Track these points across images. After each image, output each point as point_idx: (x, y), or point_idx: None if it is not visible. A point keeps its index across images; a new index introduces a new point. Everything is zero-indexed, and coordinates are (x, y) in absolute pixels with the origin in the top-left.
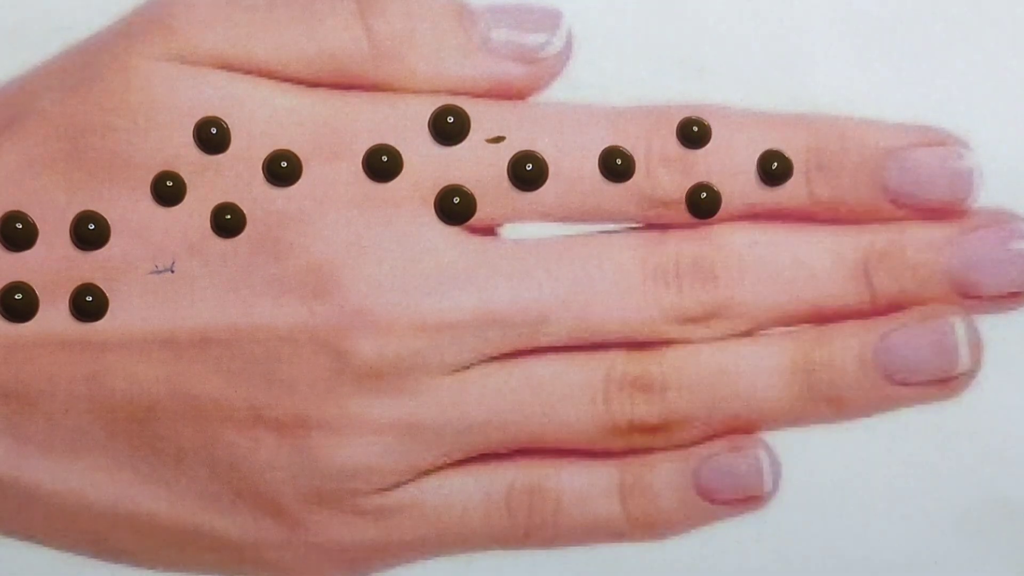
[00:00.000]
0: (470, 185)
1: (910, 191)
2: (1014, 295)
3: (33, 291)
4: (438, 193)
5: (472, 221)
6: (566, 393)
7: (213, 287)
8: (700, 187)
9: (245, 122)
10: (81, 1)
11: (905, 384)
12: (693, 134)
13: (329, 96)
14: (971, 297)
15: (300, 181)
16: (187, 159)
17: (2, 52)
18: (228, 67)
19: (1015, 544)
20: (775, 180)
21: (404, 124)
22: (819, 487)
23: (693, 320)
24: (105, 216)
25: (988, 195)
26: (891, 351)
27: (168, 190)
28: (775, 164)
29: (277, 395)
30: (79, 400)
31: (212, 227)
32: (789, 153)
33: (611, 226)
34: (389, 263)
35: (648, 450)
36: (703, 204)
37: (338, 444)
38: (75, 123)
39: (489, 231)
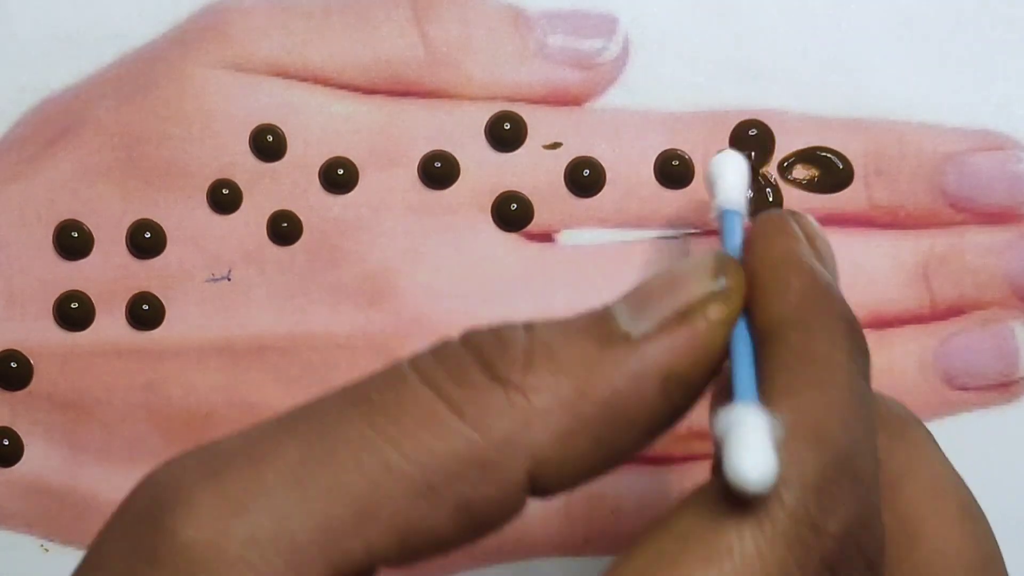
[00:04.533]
0: (527, 191)
1: (969, 195)
2: None
3: (89, 300)
4: (495, 200)
5: (529, 228)
6: None
7: (270, 295)
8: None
9: (301, 129)
10: (136, 9)
11: (965, 389)
12: (750, 139)
13: (385, 103)
14: None
15: (356, 188)
16: (243, 167)
17: (58, 61)
18: (284, 74)
19: None
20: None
21: (460, 131)
22: None
23: None
24: (161, 224)
25: None
26: (951, 356)
27: (224, 198)
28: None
29: None
30: (136, 408)
31: (268, 235)
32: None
33: (669, 232)
34: (446, 270)
35: None
36: (762, 210)
37: None
38: (131, 132)
39: (546, 238)
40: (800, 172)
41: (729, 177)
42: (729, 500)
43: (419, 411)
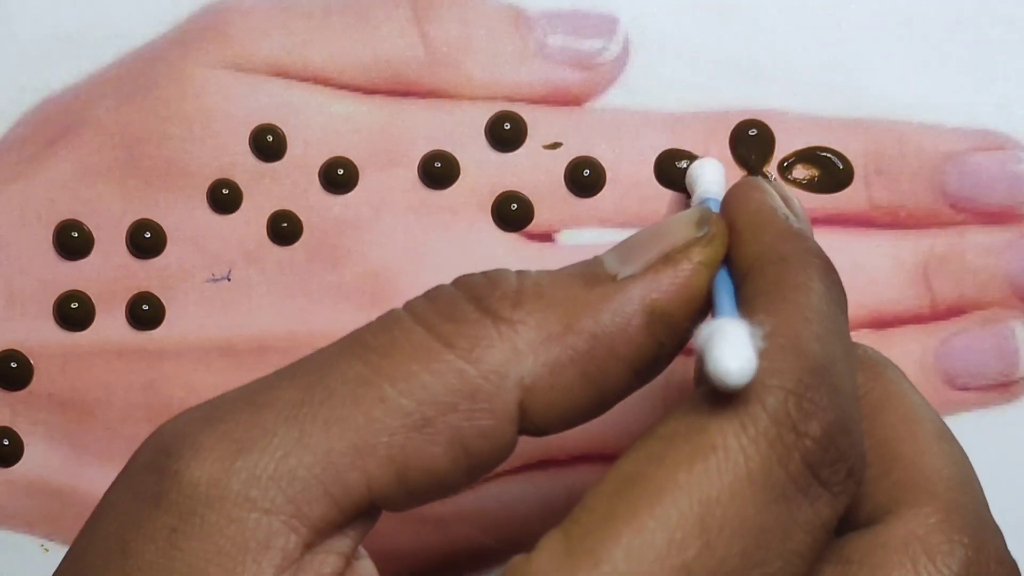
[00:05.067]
0: (527, 191)
1: (969, 195)
2: None
3: (89, 300)
4: (495, 199)
5: (529, 228)
6: (629, 403)
7: (270, 295)
8: None
9: (301, 129)
10: (136, 9)
11: (965, 389)
12: (750, 139)
13: (385, 103)
14: None
15: (356, 188)
16: (243, 167)
17: (58, 61)
18: (284, 74)
19: None
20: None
21: (460, 130)
22: None
23: None
24: (161, 224)
25: None
26: (951, 355)
27: (224, 198)
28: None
29: None
30: (136, 408)
31: (269, 235)
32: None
33: None
34: (446, 270)
35: None
36: None
37: None
38: (131, 132)
39: (546, 238)
40: (800, 172)
41: (708, 175)
42: (712, 403)
43: (412, 347)
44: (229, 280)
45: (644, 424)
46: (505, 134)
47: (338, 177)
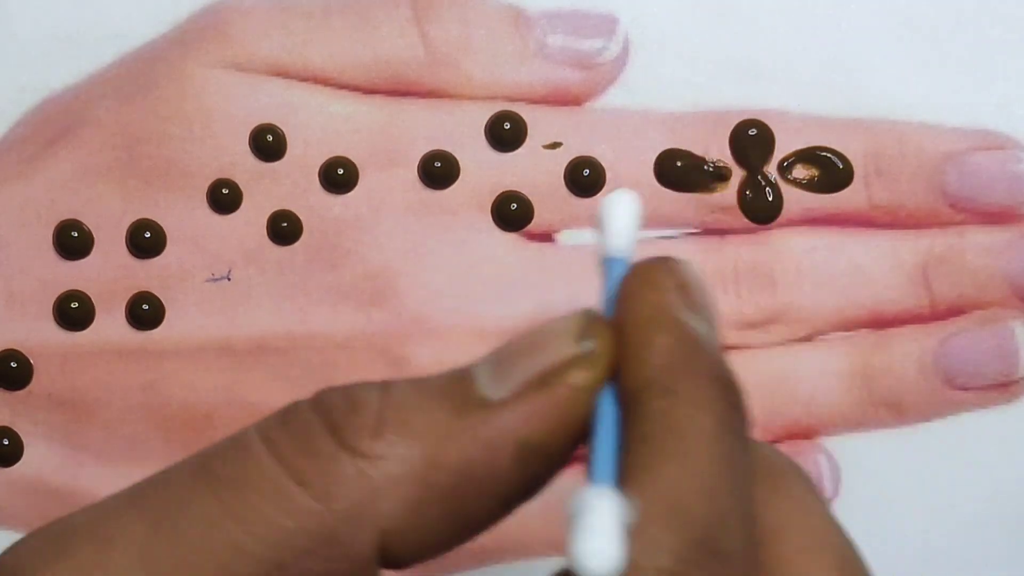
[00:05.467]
0: (527, 191)
1: (969, 195)
2: None
3: (89, 299)
4: (495, 199)
5: (529, 227)
6: None
7: (270, 295)
8: None
9: (301, 129)
10: (136, 9)
11: (965, 389)
12: (750, 139)
13: (385, 103)
14: None
15: (356, 188)
16: (243, 166)
17: (58, 61)
18: (284, 74)
19: None
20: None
21: (460, 130)
22: (879, 492)
23: (752, 325)
24: (161, 224)
25: None
26: (951, 356)
27: (224, 198)
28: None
29: None
30: (135, 408)
31: (268, 235)
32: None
33: (669, 232)
34: (446, 270)
35: None
36: (762, 209)
37: None
38: (131, 132)
39: (546, 237)
40: (800, 172)
41: (617, 220)
42: None
43: (265, 485)
44: (229, 280)
45: None
46: (505, 134)
47: (338, 177)
